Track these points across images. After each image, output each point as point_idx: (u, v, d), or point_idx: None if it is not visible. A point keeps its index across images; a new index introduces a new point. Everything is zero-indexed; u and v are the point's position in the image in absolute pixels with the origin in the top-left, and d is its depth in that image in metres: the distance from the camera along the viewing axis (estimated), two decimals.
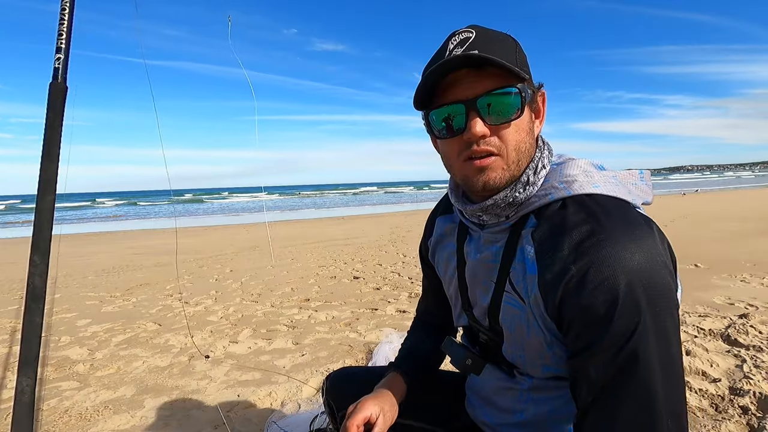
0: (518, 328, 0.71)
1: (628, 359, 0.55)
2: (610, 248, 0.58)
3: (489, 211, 0.71)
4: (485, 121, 0.64)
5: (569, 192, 0.66)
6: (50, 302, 3.65)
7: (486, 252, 0.75)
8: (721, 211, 9.38)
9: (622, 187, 0.68)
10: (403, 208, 19.00)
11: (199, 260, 6.41)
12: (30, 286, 1.04)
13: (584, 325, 0.58)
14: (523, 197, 0.68)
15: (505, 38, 0.67)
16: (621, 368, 0.55)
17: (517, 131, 0.66)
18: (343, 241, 7.83)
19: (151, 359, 2.57)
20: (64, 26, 1.08)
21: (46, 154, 1.06)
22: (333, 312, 3.37)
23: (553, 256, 0.63)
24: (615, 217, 0.62)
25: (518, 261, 0.69)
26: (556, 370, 0.71)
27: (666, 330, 0.56)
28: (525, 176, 0.69)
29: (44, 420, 1.89)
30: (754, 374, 1.83)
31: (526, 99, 0.65)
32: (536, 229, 0.67)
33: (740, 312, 2.70)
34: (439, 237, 0.92)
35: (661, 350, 0.55)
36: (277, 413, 1.85)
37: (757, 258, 4.33)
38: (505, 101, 0.64)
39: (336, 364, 2.35)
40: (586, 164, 0.71)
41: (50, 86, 1.07)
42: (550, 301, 0.63)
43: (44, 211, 1.06)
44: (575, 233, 0.62)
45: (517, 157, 0.67)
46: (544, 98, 0.71)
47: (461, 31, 0.66)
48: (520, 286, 0.69)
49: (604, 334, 0.56)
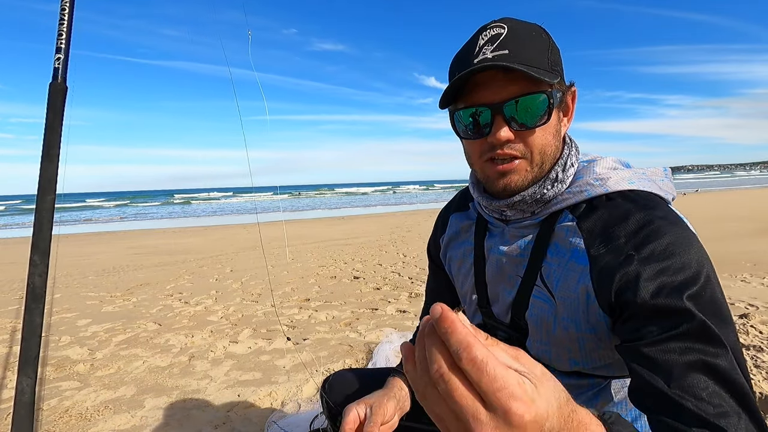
0: (545, 323, 0.70)
1: (708, 337, 0.54)
2: (671, 235, 0.59)
3: (515, 207, 0.71)
4: (511, 127, 0.63)
5: (606, 189, 0.66)
6: (50, 302, 3.65)
7: (513, 246, 0.74)
8: (721, 211, 9.37)
9: (653, 183, 0.69)
10: (403, 208, 19.00)
11: (200, 260, 6.41)
12: (30, 286, 1.04)
13: (657, 310, 0.56)
14: (551, 194, 0.68)
15: (538, 35, 0.65)
16: (702, 345, 0.54)
17: (543, 135, 0.65)
18: (344, 241, 7.83)
19: (152, 359, 2.57)
20: (64, 26, 1.08)
21: (45, 154, 1.06)
22: (333, 312, 3.37)
23: (609, 246, 0.62)
24: (661, 209, 0.63)
25: (553, 255, 0.69)
26: (585, 364, 0.71)
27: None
28: (554, 173, 0.69)
29: (44, 420, 1.89)
30: (754, 374, 1.83)
31: (554, 104, 0.64)
32: (580, 221, 0.67)
33: (740, 312, 2.70)
34: (453, 234, 0.90)
35: (731, 329, 0.57)
36: (278, 413, 1.85)
37: (757, 258, 4.33)
38: (532, 108, 0.63)
39: (336, 364, 2.35)
40: (615, 162, 0.72)
41: (50, 86, 1.07)
42: (605, 291, 0.61)
43: (44, 211, 1.06)
44: (630, 223, 0.62)
45: (542, 160, 0.67)
46: (574, 96, 0.70)
47: (492, 25, 0.65)
48: (551, 281, 0.69)
49: (684, 316, 0.54)
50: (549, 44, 0.65)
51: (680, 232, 0.60)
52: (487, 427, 0.29)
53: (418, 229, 9.25)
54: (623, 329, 0.61)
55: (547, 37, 0.66)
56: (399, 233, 8.68)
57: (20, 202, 37.30)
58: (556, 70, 0.64)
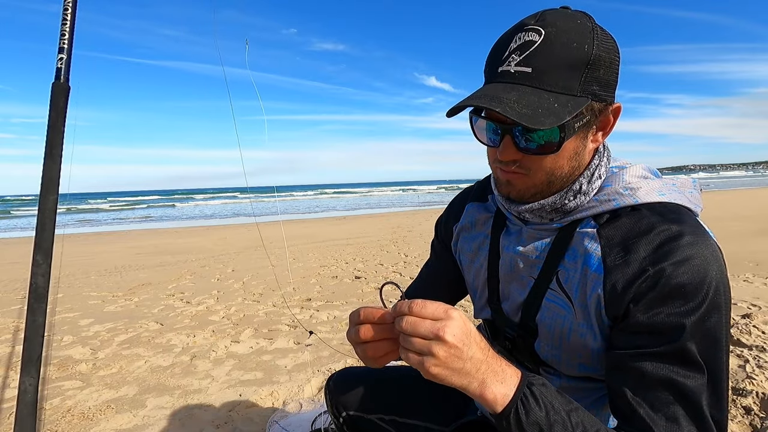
0: (558, 327, 0.69)
1: (710, 355, 0.57)
2: (692, 256, 0.58)
3: (534, 213, 0.70)
4: (518, 147, 0.62)
5: (636, 200, 0.64)
6: (53, 302, 3.66)
7: (529, 247, 0.73)
8: (723, 211, 9.35)
9: (682, 195, 0.67)
10: (404, 208, 18.99)
11: (201, 260, 6.42)
12: (33, 286, 1.04)
13: (651, 326, 0.58)
14: (572, 205, 0.67)
15: (579, 46, 0.57)
16: (704, 361, 0.57)
17: (553, 160, 0.63)
18: (345, 241, 7.83)
19: (153, 359, 2.58)
20: (67, 26, 1.08)
21: (48, 154, 1.06)
22: (335, 312, 3.37)
23: (627, 258, 0.61)
24: (688, 224, 0.62)
25: (571, 260, 0.68)
26: (593, 370, 0.70)
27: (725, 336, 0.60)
28: (578, 184, 0.67)
29: (47, 419, 1.90)
30: (757, 374, 1.83)
31: (568, 135, 0.60)
32: (602, 230, 0.66)
33: (743, 312, 2.69)
34: (468, 224, 0.88)
35: (726, 352, 0.59)
36: (279, 413, 1.85)
37: (760, 258, 4.32)
38: (544, 138, 0.61)
39: (338, 364, 2.35)
40: (644, 170, 0.70)
41: (53, 86, 1.07)
42: (615, 304, 0.62)
43: (47, 210, 1.06)
44: (653, 236, 0.61)
45: (549, 180, 0.65)
46: (617, 113, 0.65)
47: (529, 27, 0.59)
48: (569, 286, 0.68)
49: (672, 335, 0.57)
50: (590, 58, 0.58)
51: (702, 251, 0.59)
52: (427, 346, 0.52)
53: (420, 229, 9.24)
54: (616, 337, 0.63)
55: (591, 46, 0.58)
56: (400, 233, 8.68)
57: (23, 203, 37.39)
58: (589, 92, 0.59)
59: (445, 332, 0.51)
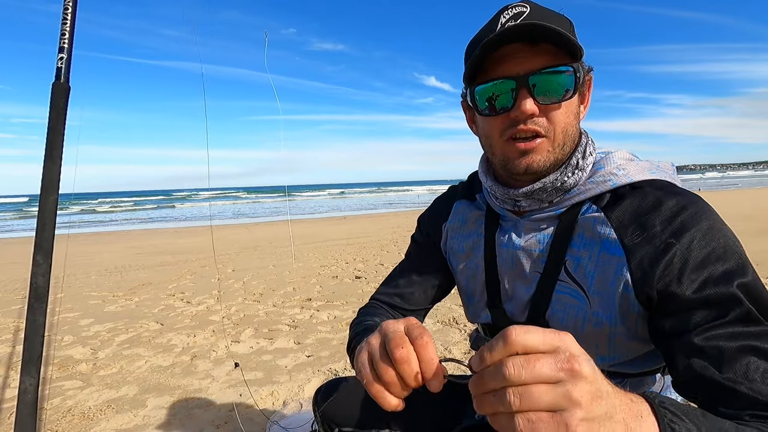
0: (571, 320, 0.67)
1: (754, 320, 0.54)
2: (708, 220, 0.58)
3: (533, 196, 0.68)
4: (536, 100, 0.61)
5: (631, 179, 0.64)
6: (53, 302, 3.67)
7: (530, 240, 0.70)
8: (724, 210, 9.30)
9: (667, 174, 0.68)
10: (404, 208, 18.99)
11: (201, 260, 6.42)
12: (33, 286, 1.04)
13: (705, 301, 0.55)
14: (571, 182, 0.66)
15: (562, 15, 0.63)
16: (749, 329, 0.53)
17: (566, 113, 0.63)
18: (345, 241, 7.83)
19: (154, 359, 2.58)
20: (67, 26, 1.08)
21: (48, 154, 1.06)
22: (335, 312, 3.37)
23: (645, 235, 0.60)
24: (688, 195, 0.62)
25: (580, 248, 0.66)
26: (610, 359, 0.67)
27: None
28: (574, 159, 0.66)
29: (47, 419, 1.90)
30: None
31: (580, 80, 0.62)
32: (608, 213, 0.64)
33: None
34: (459, 223, 0.84)
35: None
36: (279, 413, 1.86)
37: (760, 258, 4.31)
38: (559, 80, 0.61)
39: (338, 364, 2.36)
40: (629, 154, 0.71)
41: (53, 86, 1.07)
42: (646, 283, 0.59)
43: (47, 211, 1.06)
44: (664, 210, 0.60)
45: (564, 140, 0.64)
46: (590, 84, 0.68)
47: (514, 4, 0.62)
48: (580, 275, 0.65)
49: (732, 303, 0.54)
50: (572, 28, 0.63)
51: (714, 216, 0.59)
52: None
53: None
54: (667, 322, 0.58)
55: (569, 22, 0.64)
56: (400, 233, 8.68)
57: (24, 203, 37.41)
58: (581, 50, 0.61)
59: (581, 362, 0.36)
